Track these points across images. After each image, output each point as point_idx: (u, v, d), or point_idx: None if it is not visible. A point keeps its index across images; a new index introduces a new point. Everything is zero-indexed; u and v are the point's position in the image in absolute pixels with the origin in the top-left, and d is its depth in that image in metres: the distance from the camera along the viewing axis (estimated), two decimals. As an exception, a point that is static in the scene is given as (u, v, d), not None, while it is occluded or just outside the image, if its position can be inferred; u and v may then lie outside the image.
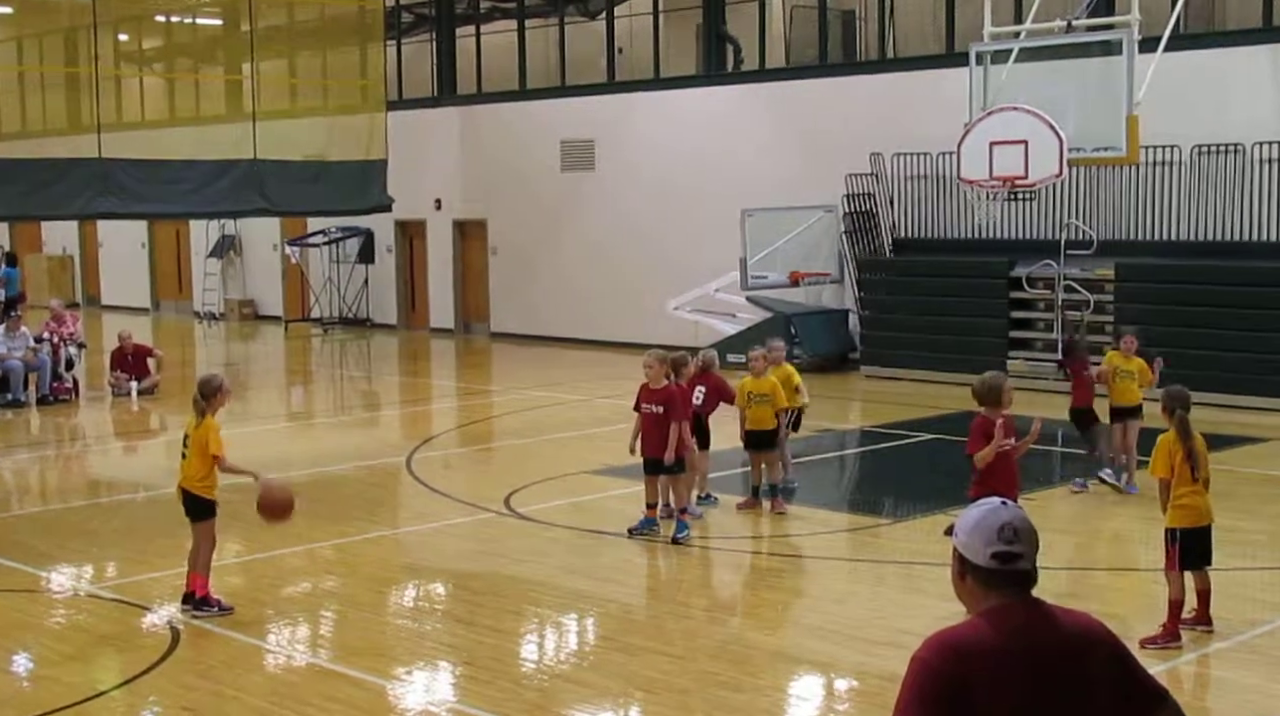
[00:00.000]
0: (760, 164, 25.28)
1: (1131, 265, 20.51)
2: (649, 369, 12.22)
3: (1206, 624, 9.34)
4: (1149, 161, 20.45)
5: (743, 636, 9.74)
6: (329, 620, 10.32)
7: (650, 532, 12.25)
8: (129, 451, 18.94)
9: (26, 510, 14.68)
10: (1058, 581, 10.51)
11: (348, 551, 12.19)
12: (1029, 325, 21.98)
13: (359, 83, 26.38)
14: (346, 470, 16.20)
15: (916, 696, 3.55)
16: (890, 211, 23.72)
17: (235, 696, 8.43)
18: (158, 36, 29.68)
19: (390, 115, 25.85)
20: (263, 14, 25.98)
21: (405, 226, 32.06)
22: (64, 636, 9.86)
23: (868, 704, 8.29)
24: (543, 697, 8.45)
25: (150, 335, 29.90)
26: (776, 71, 26.39)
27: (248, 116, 23.84)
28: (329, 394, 25.03)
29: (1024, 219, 21.87)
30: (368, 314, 33.02)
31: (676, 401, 12.08)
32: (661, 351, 12.53)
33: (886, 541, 12.61)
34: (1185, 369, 14.00)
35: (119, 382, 21.91)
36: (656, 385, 12.16)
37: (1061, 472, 15.11)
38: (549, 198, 29.08)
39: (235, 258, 36.47)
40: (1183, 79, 19.62)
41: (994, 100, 19.85)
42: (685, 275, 25.49)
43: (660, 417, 12.06)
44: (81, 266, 41.16)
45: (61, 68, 25.71)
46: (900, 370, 22.52)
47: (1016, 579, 3.67)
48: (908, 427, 18.15)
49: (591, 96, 28.60)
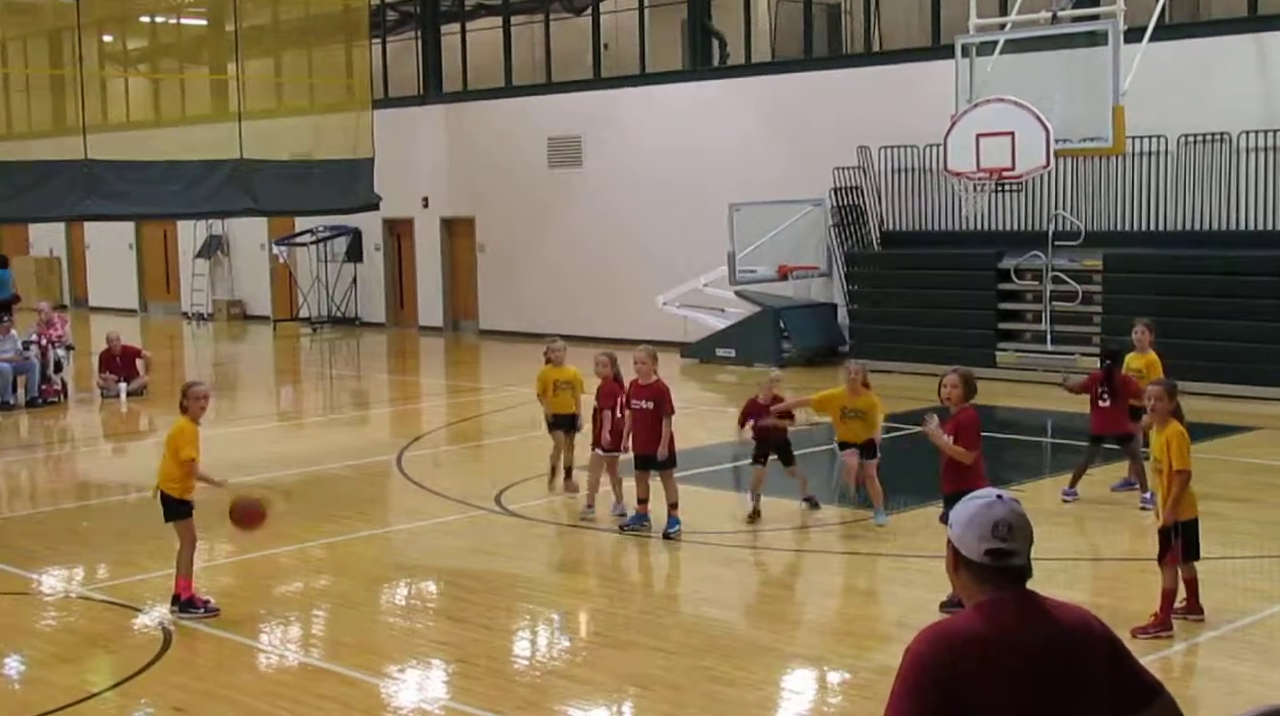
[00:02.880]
0: (747, 158, 25.29)
1: (1119, 255, 20.55)
2: (640, 365, 12.23)
3: (1198, 613, 9.36)
4: (1135, 152, 20.48)
5: (735, 631, 9.74)
6: (321, 619, 10.32)
7: (641, 528, 12.25)
8: (118, 453, 18.91)
9: (16, 512, 14.65)
10: (1048, 571, 10.52)
11: (339, 550, 12.18)
12: (1017, 317, 22.00)
13: (345, 81, 26.37)
14: (337, 469, 16.19)
15: (910, 688, 3.55)
16: (878, 204, 23.74)
17: (227, 696, 8.42)
18: (142, 37, 29.63)
19: (376, 113, 25.85)
20: (247, 14, 25.97)
21: (393, 225, 32.03)
22: (55, 638, 9.85)
23: (860, 696, 8.29)
24: (535, 694, 8.45)
25: (138, 336, 29.82)
26: (762, 65, 26.40)
27: (233, 116, 23.82)
28: (318, 393, 25.00)
29: (1011, 210, 21.91)
30: (356, 313, 32.99)
31: (666, 397, 12.08)
32: (651, 347, 12.53)
33: (878, 534, 12.61)
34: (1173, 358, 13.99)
35: (108, 384, 21.87)
36: (646, 381, 12.16)
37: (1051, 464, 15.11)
38: (536, 194, 29.07)
39: (223, 258, 36.41)
40: (1168, 69, 19.65)
41: (980, 92, 19.88)
42: (673, 270, 25.51)
43: (651, 413, 12.06)
44: (69, 268, 41.08)
45: (46, 69, 25.68)
46: (889, 362, 22.48)
47: (1011, 574, 3.67)
48: (897, 420, 18.13)
49: (578, 93, 28.59)
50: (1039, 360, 20.81)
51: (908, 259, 23.00)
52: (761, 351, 23.37)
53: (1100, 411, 13.03)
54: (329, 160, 24.68)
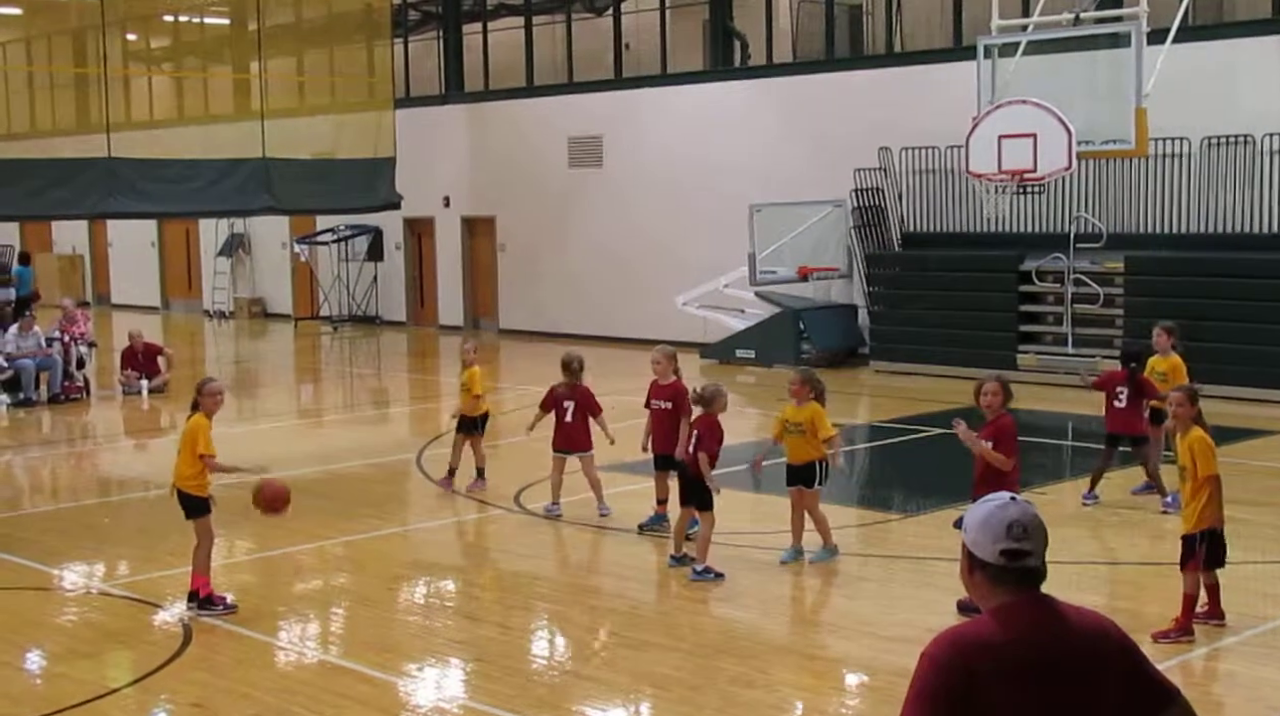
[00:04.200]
0: (768, 159, 25.27)
1: (1141, 258, 20.48)
2: (657, 365, 12.23)
3: (1219, 618, 9.31)
4: (1158, 154, 20.40)
5: (752, 632, 9.72)
6: (339, 617, 10.34)
7: (660, 528, 12.25)
8: (140, 449, 18.96)
9: (39, 508, 14.72)
10: (1066, 575, 10.50)
11: (357, 548, 12.20)
12: (1038, 319, 21.94)
13: (367, 80, 26.41)
14: (356, 467, 16.23)
15: (925, 692, 3.55)
16: (898, 206, 23.69)
17: (246, 693, 8.44)
18: (166, 36, 29.71)
19: (398, 113, 25.87)
20: (270, 13, 26.01)
21: (413, 224, 32.09)
22: (76, 634, 9.89)
23: (878, 699, 8.28)
24: (552, 694, 8.46)
25: (160, 334, 29.92)
26: (784, 66, 26.38)
27: (256, 115, 23.87)
28: (338, 391, 25.05)
29: (1033, 212, 21.84)
30: (376, 311, 33.05)
31: (684, 397, 12.07)
32: (669, 347, 12.54)
33: (896, 536, 12.60)
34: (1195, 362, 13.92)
35: (129, 381, 21.97)
36: (665, 381, 12.17)
37: (1072, 467, 15.07)
38: (557, 194, 29.09)
39: (244, 256, 36.52)
40: (1191, 70, 19.56)
41: (1002, 94, 19.83)
42: (693, 271, 25.49)
43: (669, 413, 12.06)
44: (91, 265, 41.24)
45: (70, 68, 25.79)
46: (909, 364, 22.50)
47: (1025, 576, 3.66)
48: (917, 422, 18.13)
49: (599, 93, 28.60)
50: (1060, 363, 20.73)
51: (928, 260, 22.94)
52: (781, 352, 23.35)
53: (1115, 411, 12.97)
54: (350, 159, 24.72)
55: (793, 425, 11.08)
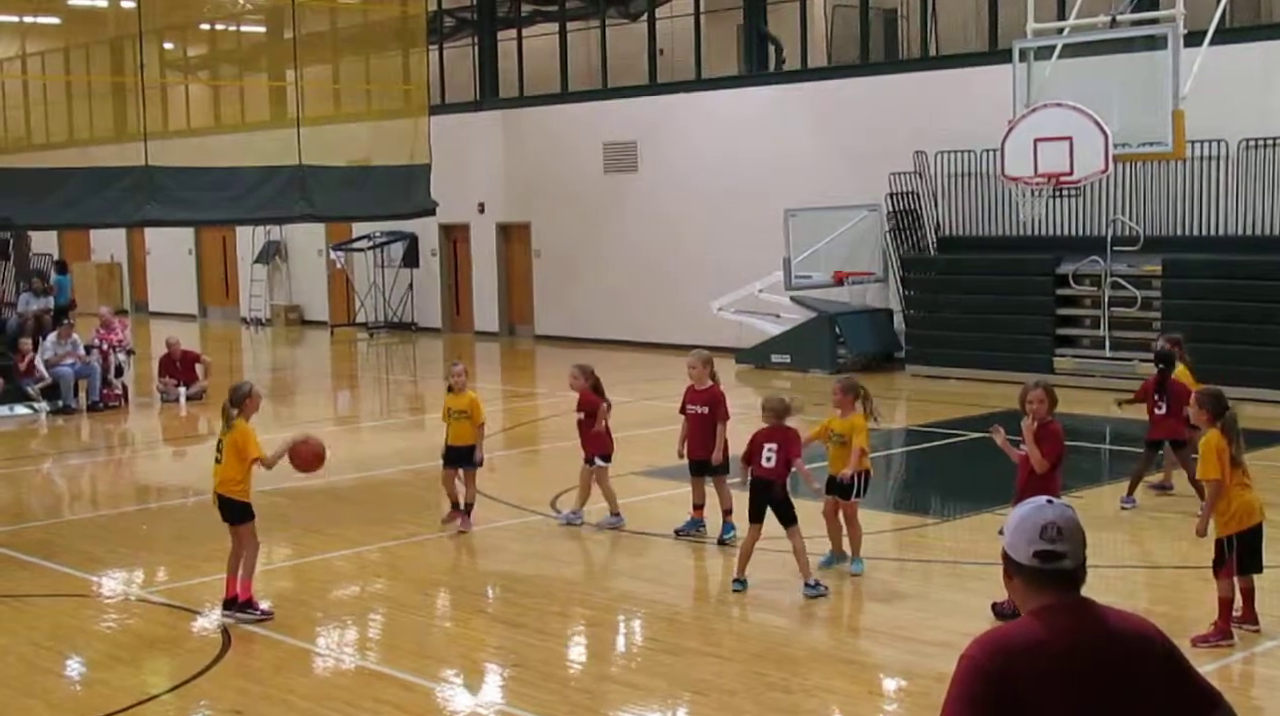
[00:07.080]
0: (803, 163, 25.24)
1: (1179, 261, 20.35)
2: (693, 369, 12.23)
3: (1253, 623, 9.25)
4: (1195, 156, 20.27)
5: (790, 637, 9.71)
6: (377, 623, 10.37)
7: (696, 533, 12.25)
8: (178, 456, 19.08)
9: (78, 515, 14.81)
10: (1105, 579, 10.44)
11: (394, 554, 12.24)
12: (1075, 322, 21.84)
13: (402, 87, 26.51)
14: (392, 473, 16.28)
15: (964, 695, 3.54)
16: (934, 209, 23.63)
17: (284, 699, 8.47)
18: (202, 44, 29.90)
19: (433, 119, 25.95)
20: (306, 21, 26.14)
21: (449, 230, 32.18)
22: (115, 640, 9.94)
23: (916, 704, 8.26)
24: (590, 700, 8.46)
25: (198, 341, 30.07)
26: (818, 71, 26.35)
27: (292, 122, 23.99)
28: (374, 397, 25.14)
29: (1069, 216, 21.74)
30: (412, 318, 33.15)
31: (721, 402, 12.07)
32: (705, 352, 12.53)
33: (934, 540, 12.56)
34: (1231, 364, 13.89)
35: (167, 388, 22.11)
36: (701, 386, 12.17)
37: (1110, 471, 14.98)
38: (591, 200, 29.12)
39: (281, 263, 36.69)
40: (1228, 72, 19.45)
41: (1038, 97, 19.76)
42: (729, 276, 25.47)
43: (705, 418, 12.06)
44: (129, 273, 41.53)
45: (108, 77, 25.94)
46: (945, 368, 22.43)
47: (1061, 578, 3.65)
48: (954, 427, 18.06)
49: (633, 98, 28.63)
50: (1097, 366, 20.64)
51: (964, 264, 22.86)
52: (817, 357, 23.33)
53: (1157, 418, 12.94)
54: (386, 166, 24.80)
55: (835, 435, 11.04)
